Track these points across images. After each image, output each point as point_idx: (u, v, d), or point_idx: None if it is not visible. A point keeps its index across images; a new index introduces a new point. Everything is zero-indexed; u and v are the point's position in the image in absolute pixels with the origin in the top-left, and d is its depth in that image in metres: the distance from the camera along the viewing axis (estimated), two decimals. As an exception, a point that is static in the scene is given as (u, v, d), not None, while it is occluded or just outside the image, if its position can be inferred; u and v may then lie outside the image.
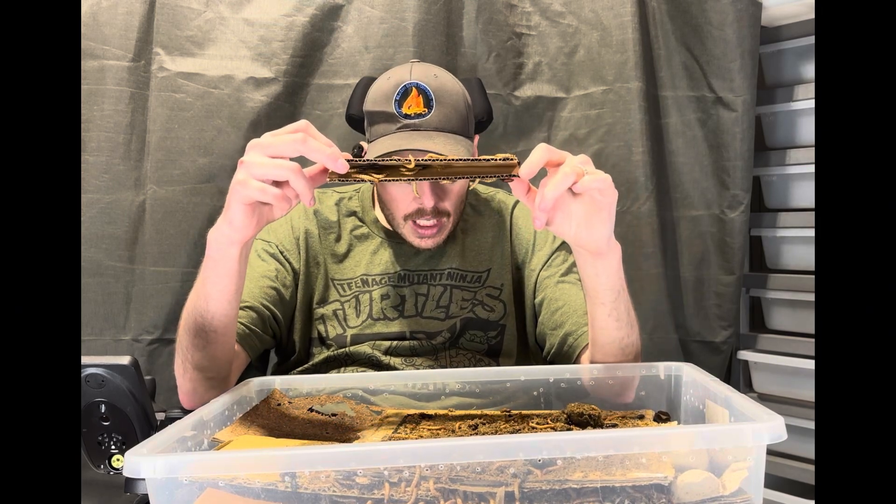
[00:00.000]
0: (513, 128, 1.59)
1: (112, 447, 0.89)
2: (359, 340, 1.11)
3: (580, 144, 1.57)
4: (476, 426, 0.82)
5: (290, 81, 1.51)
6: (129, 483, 0.90)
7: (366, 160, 0.78)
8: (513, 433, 0.79)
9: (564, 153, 0.77)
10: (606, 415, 0.85)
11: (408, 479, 0.62)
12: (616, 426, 0.81)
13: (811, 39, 1.55)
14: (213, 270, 0.85)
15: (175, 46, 1.48)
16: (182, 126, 1.48)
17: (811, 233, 1.54)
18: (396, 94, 1.05)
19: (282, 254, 1.13)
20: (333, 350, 1.11)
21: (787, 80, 1.62)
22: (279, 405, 0.88)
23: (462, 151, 1.03)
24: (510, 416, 0.85)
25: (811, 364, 1.48)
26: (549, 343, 1.10)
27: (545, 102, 1.59)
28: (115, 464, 0.90)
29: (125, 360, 0.88)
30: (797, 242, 1.59)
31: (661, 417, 0.86)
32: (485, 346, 1.13)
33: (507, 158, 0.77)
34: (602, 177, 0.77)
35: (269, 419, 0.85)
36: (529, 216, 1.17)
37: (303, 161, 0.76)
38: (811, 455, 1.50)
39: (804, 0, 1.50)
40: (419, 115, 1.04)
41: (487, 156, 0.78)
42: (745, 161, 1.56)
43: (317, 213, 1.18)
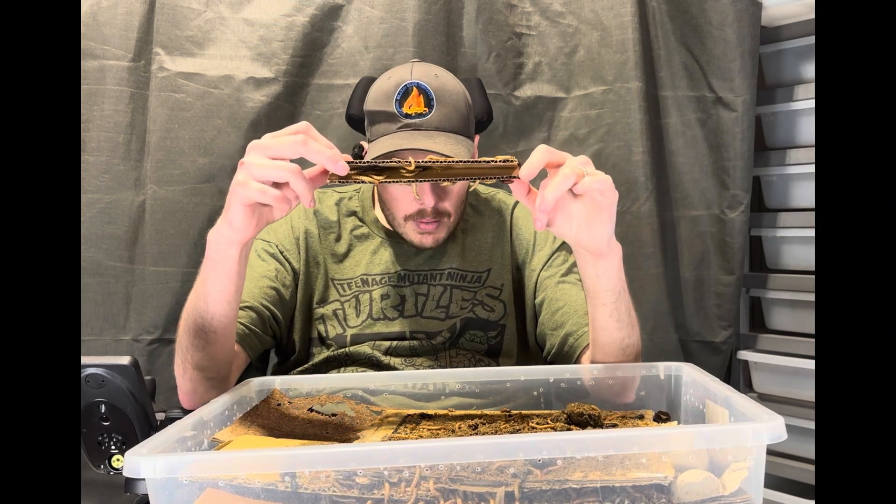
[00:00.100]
0: (513, 128, 1.59)
1: (112, 447, 0.89)
2: (359, 340, 1.11)
3: (580, 144, 1.57)
4: (476, 426, 0.82)
5: (290, 81, 1.51)
6: (129, 483, 0.90)
7: (366, 162, 0.78)
8: (513, 433, 0.79)
9: (565, 154, 0.77)
10: (606, 415, 0.85)
11: (408, 480, 0.62)
12: (616, 426, 0.81)
13: (811, 39, 1.55)
14: (213, 271, 0.85)
15: (175, 46, 1.48)
16: (182, 126, 1.48)
17: (811, 233, 1.54)
18: (397, 94, 1.05)
19: (281, 254, 1.13)
20: (333, 350, 1.11)
21: (787, 80, 1.62)
22: (279, 405, 0.88)
23: (462, 151, 1.03)
24: (510, 416, 0.85)
25: (811, 364, 1.48)
26: (550, 343, 1.10)
27: (545, 102, 1.59)
28: (115, 464, 0.90)
29: (125, 360, 0.88)
30: (797, 242, 1.59)
31: (661, 417, 0.85)
32: (485, 347, 1.13)
33: (508, 160, 0.77)
34: (602, 178, 0.77)
35: (269, 419, 0.85)
36: (530, 216, 1.17)
37: (303, 162, 0.76)
38: (811, 455, 1.50)
39: (804, 0, 1.50)
40: (420, 115, 1.04)
41: (488, 157, 0.78)
42: (745, 161, 1.56)
43: (317, 213, 1.18)
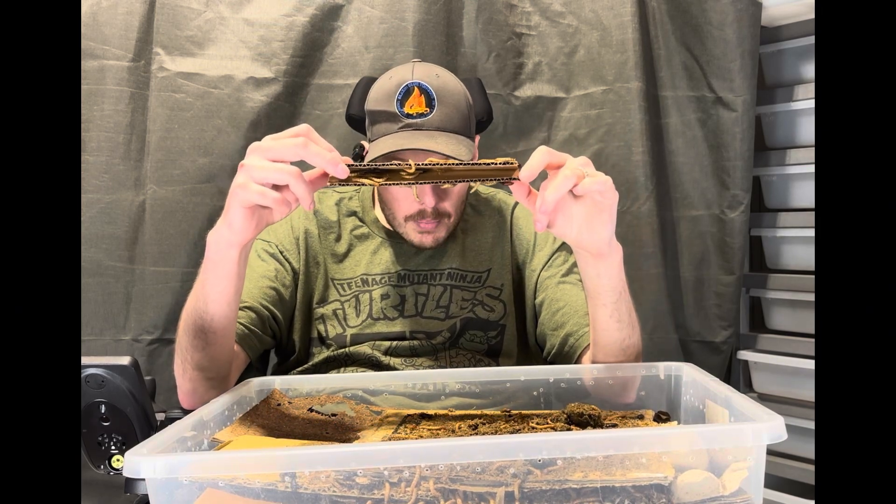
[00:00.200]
0: (513, 128, 1.59)
1: (112, 447, 0.89)
2: (359, 340, 1.11)
3: (580, 144, 1.57)
4: (476, 426, 0.82)
5: (290, 81, 1.51)
6: (129, 483, 0.90)
7: (366, 165, 0.78)
8: (513, 433, 0.79)
9: (564, 155, 0.77)
10: (606, 415, 0.85)
11: (408, 480, 0.62)
12: (616, 426, 0.81)
13: (811, 39, 1.55)
14: (213, 272, 0.85)
15: (175, 46, 1.48)
16: (182, 126, 1.48)
17: (811, 233, 1.54)
18: (398, 94, 1.05)
19: (281, 254, 1.13)
20: (333, 350, 1.11)
21: (787, 80, 1.62)
22: (279, 405, 0.88)
23: (464, 151, 1.03)
24: (510, 416, 0.85)
25: (811, 364, 1.48)
26: (550, 343, 1.09)
27: (545, 102, 1.59)
28: (115, 464, 0.90)
29: (125, 361, 0.88)
30: (797, 242, 1.59)
31: (661, 417, 0.85)
32: (485, 346, 1.13)
33: (508, 162, 0.77)
34: (602, 179, 0.77)
35: (269, 419, 0.85)
36: (530, 216, 1.17)
37: (303, 164, 0.76)
38: (811, 455, 1.50)
39: (804, 0, 1.50)
40: (421, 115, 1.04)
41: (488, 159, 0.78)
42: (745, 161, 1.56)
43: (317, 213, 1.18)
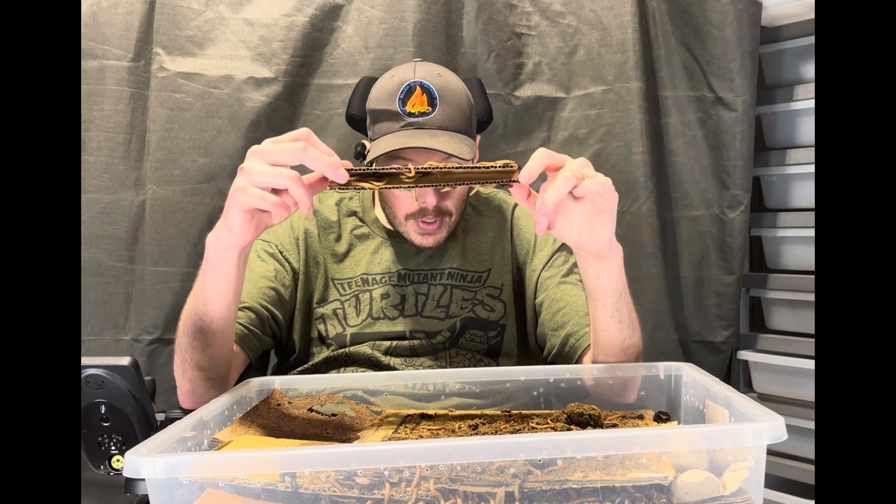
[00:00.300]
0: (513, 128, 1.59)
1: (112, 448, 0.89)
2: (358, 339, 1.11)
3: (580, 144, 1.57)
4: (476, 426, 0.82)
5: (290, 81, 1.51)
6: (129, 483, 0.90)
7: (365, 168, 0.78)
8: (513, 433, 0.79)
9: (564, 157, 0.77)
10: (606, 415, 0.85)
11: (408, 480, 0.62)
12: (616, 426, 0.81)
13: (811, 39, 1.55)
14: (212, 274, 0.85)
15: (175, 46, 1.48)
16: (182, 126, 1.48)
17: (811, 233, 1.54)
18: (400, 93, 1.05)
19: (281, 254, 1.13)
20: (333, 350, 1.11)
21: (787, 80, 1.62)
22: (279, 405, 0.88)
23: (466, 150, 1.03)
24: (510, 417, 0.85)
25: (811, 364, 1.48)
26: (550, 344, 1.09)
27: (545, 102, 1.59)
28: (115, 464, 0.90)
29: (125, 361, 0.88)
30: (797, 242, 1.59)
31: (661, 417, 0.85)
32: (485, 346, 1.13)
33: (507, 164, 0.77)
34: (602, 180, 0.77)
35: (269, 419, 0.85)
36: (530, 217, 1.17)
37: (303, 167, 0.76)
38: (811, 455, 1.50)
39: (804, 0, 1.50)
40: (423, 114, 1.04)
41: (487, 162, 0.78)
42: (745, 161, 1.56)
43: (317, 213, 1.18)
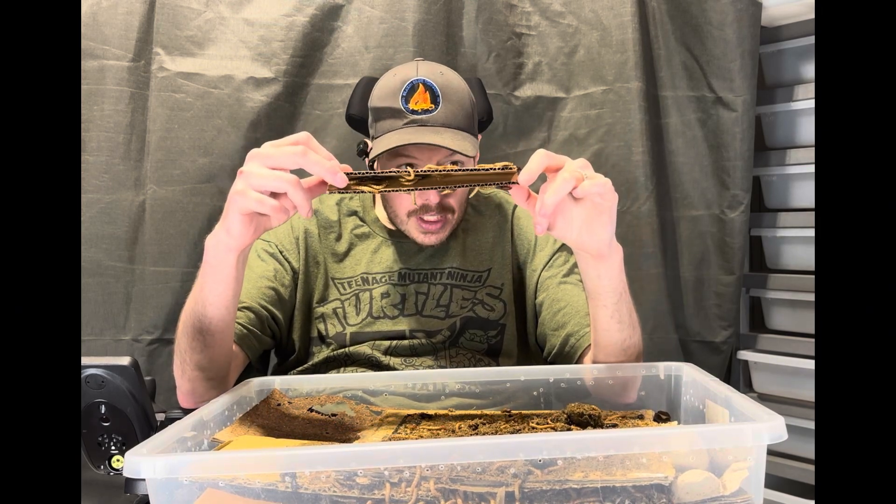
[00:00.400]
0: (513, 128, 1.59)
1: (112, 448, 0.89)
2: (358, 338, 1.11)
3: (580, 144, 1.57)
4: (476, 426, 0.82)
5: (290, 81, 1.51)
6: (129, 483, 0.90)
7: (365, 172, 0.78)
8: (513, 433, 0.79)
9: (563, 158, 0.77)
10: (606, 415, 0.85)
11: (408, 480, 0.62)
12: (616, 426, 0.81)
13: (811, 39, 1.55)
14: (211, 276, 0.85)
15: (175, 46, 1.48)
16: (182, 126, 1.48)
17: (811, 233, 1.54)
18: (403, 90, 1.05)
19: (281, 253, 1.13)
20: (333, 349, 1.11)
21: (787, 80, 1.62)
22: (279, 405, 0.88)
23: (469, 147, 1.04)
24: (510, 417, 0.85)
25: (811, 364, 1.48)
26: (551, 344, 1.09)
27: (545, 102, 1.59)
28: (115, 464, 0.90)
29: (125, 361, 0.88)
30: (797, 242, 1.59)
31: (661, 417, 0.85)
32: (485, 346, 1.13)
33: (507, 166, 0.77)
34: (602, 181, 0.77)
35: (269, 419, 0.85)
36: (531, 217, 1.17)
37: (303, 171, 0.76)
38: (811, 455, 1.50)
39: (804, 0, 1.50)
40: (426, 111, 1.05)
41: (486, 164, 0.78)
42: (745, 161, 1.56)
43: (317, 213, 1.18)
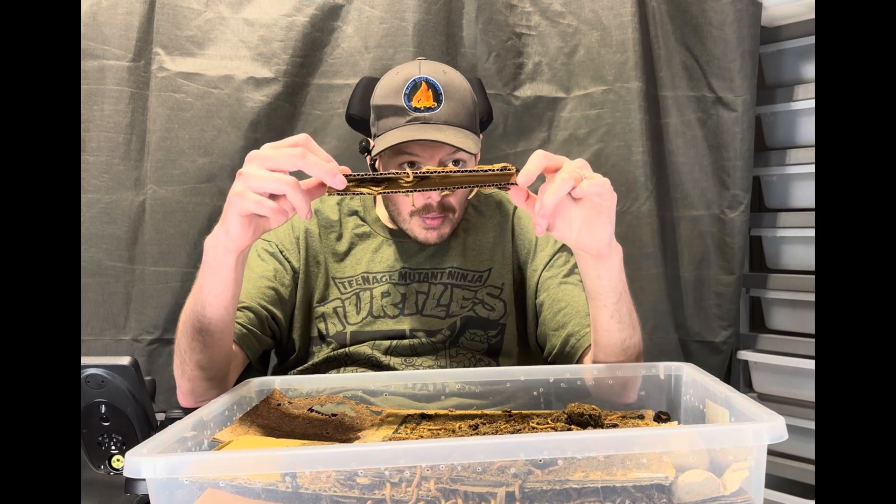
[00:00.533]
0: (513, 128, 1.59)
1: (112, 448, 0.89)
2: (359, 338, 1.11)
3: (580, 144, 1.57)
4: (476, 426, 0.82)
5: (290, 81, 1.51)
6: (130, 483, 0.90)
7: (364, 174, 0.78)
8: (513, 433, 0.79)
9: (562, 158, 0.77)
10: (606, 415, 0.85)
11: (408, 480, 0.62)
12: (616, 426, 0.81)
13: (811, 39, 1.55)
14: (210, 277, 0.85)
15: (175, 46, 1.48)
16: (182, 126, 1.48)
17: (811, 233, 1.54)
18: (406, 88, 1.06)
19: (281, 253, 1.13)
20: (333, 349, 1.11)
21: (787, 80, 1.62)
22: (279, 405, 0.88)
23: (471, 144, 1.05)
24: (510, 417, 0.85)
25: (811, 364, 1.48)
26: (551, 344, 1.09)
27: (545, 102, 1.59)
28: (116, 464, 0.90)
29: (125, 361, 0.88)
30: (797, 242, 1.59)
31: (661, 417, 0.85)
32: (485, 346, 1.13)
33: (505, 167, 0.78)
34: (601, 181, 0.77)
35: (269, 419, 0.85)
36: (531, 217, 1.17)
37: (302, 172, 0.76)
38: (811, 455, 1.50)
39: (804, 0, 1.50)
40: (429, 109, 1.05)
41: (485, 165, 0.78)
42: (745, 161, 1.56)
43: (318, 213, 1.18)
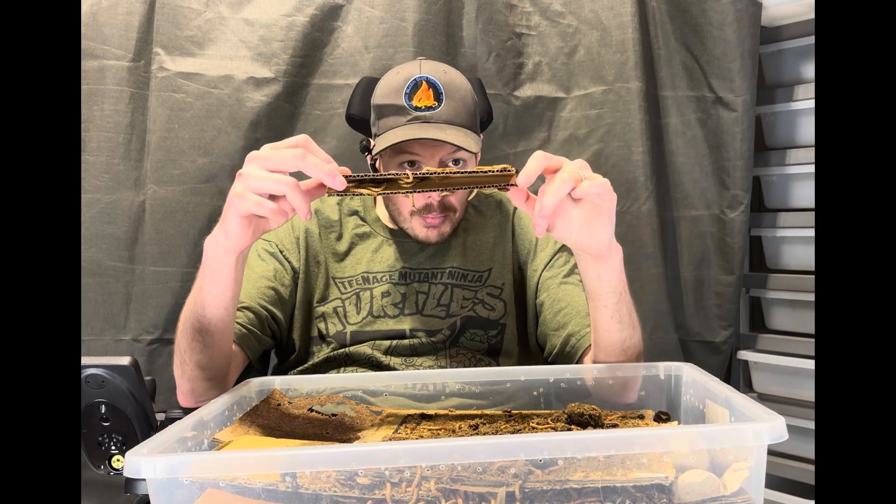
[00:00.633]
0: (513, 128, 1.59)
1: (112, 448, 0.89)
2: (359, 337, 1.11)
3: (580, 144, 1.57)
4: (476, 426, 0.82)
5: (290, 81, 1.51)
6: (130, 483, 0.90)
7: (364, 175, 0.78)
8: (513, 433, 0.79)
9: (561, 159, 0.77)
10: (606, 415, 0.85)
11: (409, 480, 0.62)
12: (616, 426, 0.81)
13: (811, 39, 1.55)
14: (210, 278, 0.85)
15: (175, 46, 1.48)
16: (182, 126, 1.48)
17: (811, 233, 1.54)
18: (406, 88, 1.06)
19: (281, 253, 1.13)
20: (333, 348, 1.11)
21: (787, 80, 1.62)
22: (279, 405, 0.88)
23: (472, 143, 1.05)
24: (511, 417, 0.85)
25: (811, 364, 1.48)
26: (551, 344, 1.09)
27: (545, 102, 1.59)
28: (116, 464, 0.90)
29: (125, 361, 0.88)
30: (797, 242, 1.59)
31: (661, 417, 0.85)
32: (485, 346, 1.13)
33: (505, 168, 0.78)
34: (600, 181, 0.77)
35: (269, 419, 0.85)
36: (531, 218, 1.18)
37: (301, 173, 0.76)
38: (811, 455, 1.50)
39: (804, 0, 1.50)
40: (429, 108, 1.05)
41: (485, 166, 0.79)
42: (745, 161, 1.56)
43: (318, 213, 1.18)
